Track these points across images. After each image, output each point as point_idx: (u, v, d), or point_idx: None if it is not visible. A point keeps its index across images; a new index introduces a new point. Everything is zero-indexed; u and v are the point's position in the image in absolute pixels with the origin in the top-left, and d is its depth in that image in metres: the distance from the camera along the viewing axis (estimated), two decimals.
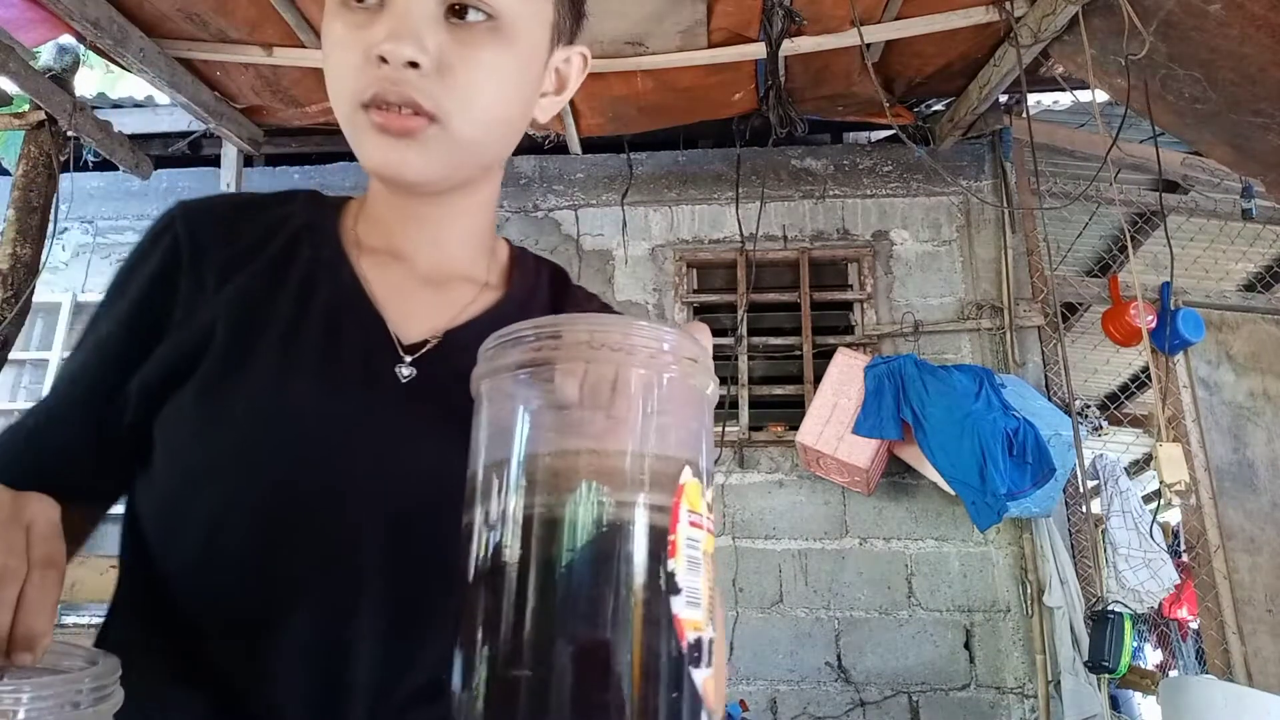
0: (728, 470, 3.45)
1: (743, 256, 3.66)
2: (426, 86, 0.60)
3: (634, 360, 0.40)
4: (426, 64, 0.60)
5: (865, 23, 2.83)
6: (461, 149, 0.64)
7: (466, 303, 0.71)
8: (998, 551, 3.30)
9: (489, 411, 0.43)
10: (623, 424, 0.40)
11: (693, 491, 0.39)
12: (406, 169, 0.63)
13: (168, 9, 2.82)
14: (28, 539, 0.48)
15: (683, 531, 0.38)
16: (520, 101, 0.68)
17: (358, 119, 0.62)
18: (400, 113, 0.60)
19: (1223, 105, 2.62)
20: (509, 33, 0.63)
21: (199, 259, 0.68)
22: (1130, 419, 5.18)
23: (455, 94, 0.61)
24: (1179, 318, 3.46)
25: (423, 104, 0.60)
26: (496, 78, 0.63)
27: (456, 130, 0.62)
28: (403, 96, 0.60)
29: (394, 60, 0.59)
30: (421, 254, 0.72)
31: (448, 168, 0.65)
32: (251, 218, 0.72)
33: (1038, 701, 3.10)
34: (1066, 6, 2.61)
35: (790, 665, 3.25)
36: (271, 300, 0.67)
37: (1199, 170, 3.80)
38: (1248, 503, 3.47)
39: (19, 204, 2.89)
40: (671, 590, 0.38)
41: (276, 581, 0.61)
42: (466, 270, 0.73)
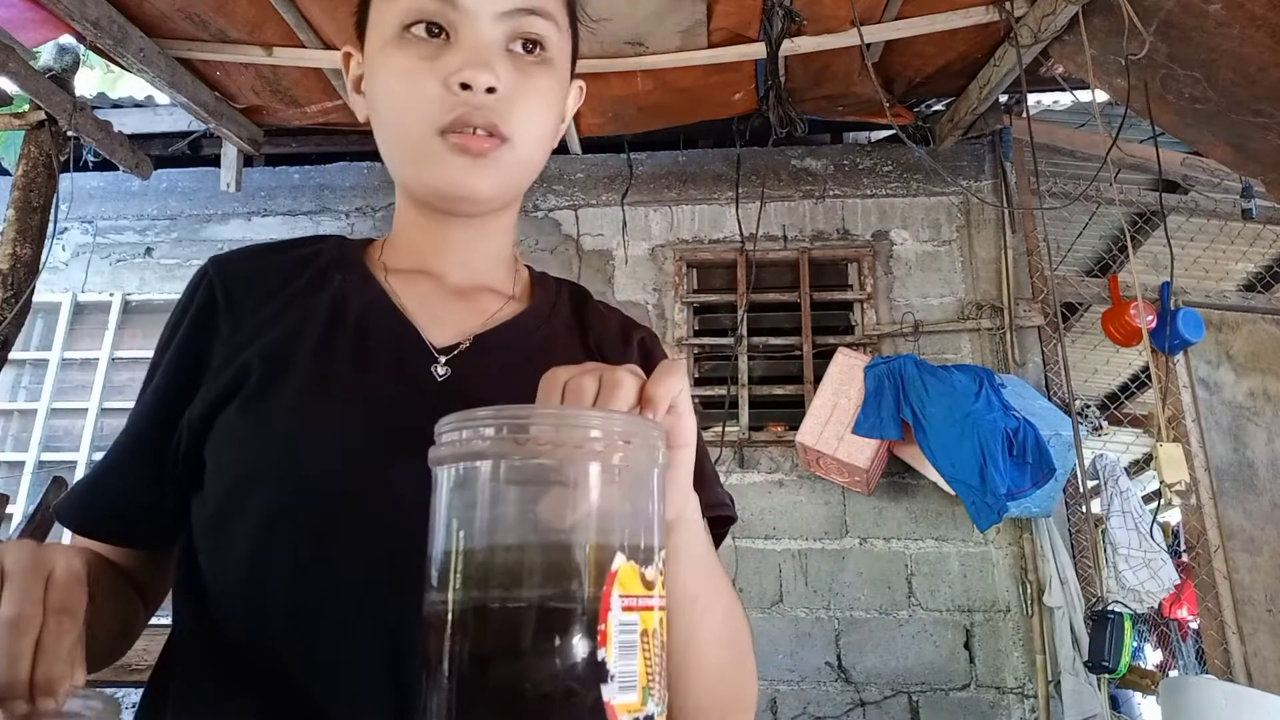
0: (728, 470, 3.45)
1: (743, 256, 3.66)
2: (501, 109, 0.67)
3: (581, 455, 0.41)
4: (503, 90, 0.67)
5: (865, 23, 2.83)
6: (521, 167, 0.72)
7: (494, 310, 0.76)
8: (998, 551, 3.30)
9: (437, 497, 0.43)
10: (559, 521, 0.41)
11: (627, 576, 0.41)
12: (481, 186, 0.69)
13: (168, 9, 2.82)
14: (46, 588, 0.50)
15: (615, 619, 0.39)
16: (555, 125, 0.76)
17: (434, 144, 0.68)
18: (477, 135, 0.67)
19: (1223, 105, 2.61)
20: (552, 64, 0.72)
21: (234, 303, 0.73)
22: (1130, 419, 5.19)
23: (519, 117, 0.69)
24: (1179, 318, 3.46)
25: (500, 126, 0.67)
26: (547, 103, 0.72)
27: (520, 150, 0.70)
28: (485, 120, 0.67)
29: (477, 87, 0.66)
30: (451, 273, 0.77)
31: (509, 185, 0.72)
32: (280, 258, 0.77)
33: (1038, 701, 3.10)
34: (1066, 6, 2.61)
35: (790, 665, 3.25)
36: (304, 323, 0.71)
37: (1199, 170, 3.80)
38: (1248, 503, 3.47)
39: (19, 204, 2.89)
40: (602, 679, 0.39)
41: (328, 585, 0.61)
42: (493, 285, 0.78)
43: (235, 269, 0.75)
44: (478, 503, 0.41)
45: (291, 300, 0.72)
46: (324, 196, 3.93)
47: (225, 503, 0.64)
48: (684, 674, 0.60)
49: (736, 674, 0.65)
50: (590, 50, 3.02)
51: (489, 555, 0.40)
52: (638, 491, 0.43)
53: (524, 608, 0.39)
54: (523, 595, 0.39)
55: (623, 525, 0.42)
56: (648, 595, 0.41)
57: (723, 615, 0.63)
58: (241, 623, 0.63)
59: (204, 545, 0.66)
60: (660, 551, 0.44)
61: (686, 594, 0.58)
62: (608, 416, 0.43)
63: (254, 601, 0.62)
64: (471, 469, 0.42)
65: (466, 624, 0.39)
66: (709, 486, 0.73)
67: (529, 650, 0.38)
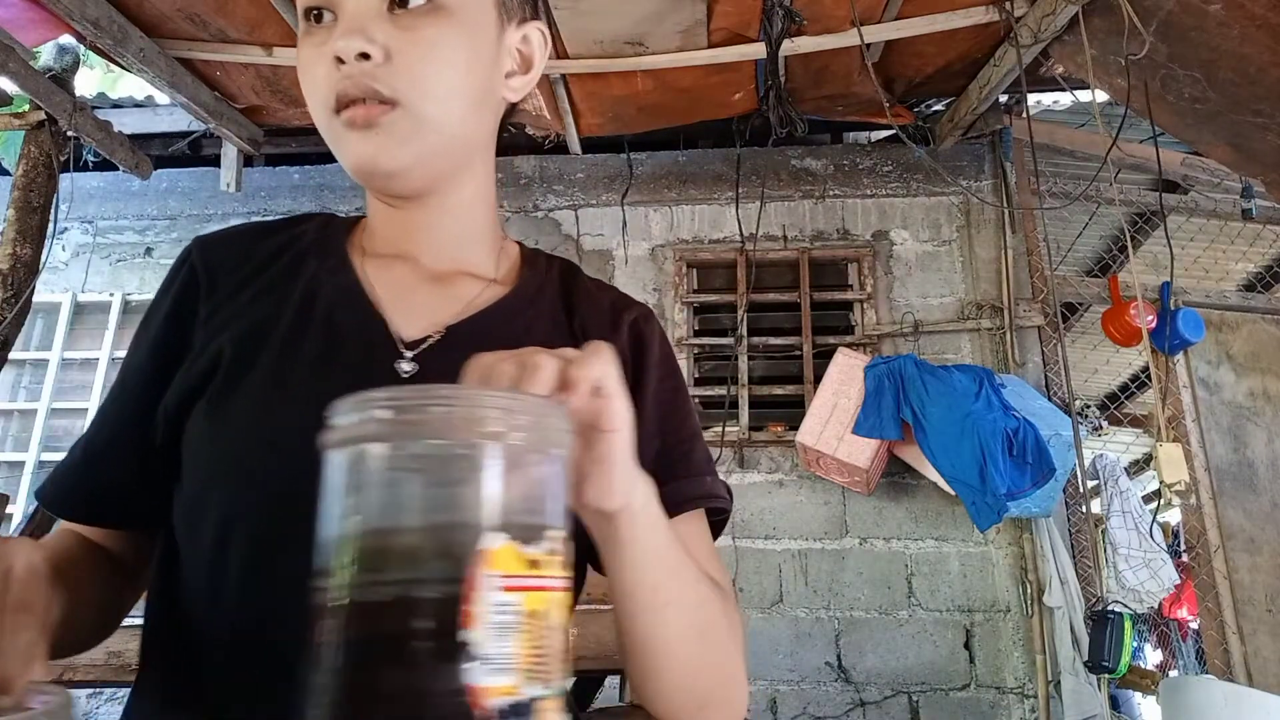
0: (728, 470, 3.45)
1: (743, 256, 3.66)
2: (380, 74, 0.63)
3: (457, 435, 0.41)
4: (376, 53, 0.63)
5: (865, 23, 2.83)
6: (426, 129, 0.66)
7: (471, 297, 0.72)
8: (998, 551, 3.30)
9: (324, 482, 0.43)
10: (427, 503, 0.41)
11: (504, 556, 0.40)
12: (379, 159, 0.65)
13: (168, 9, 2.82)
14: (4, 585, 0.49)
15: (486, 599, 0.39)
16: (475, 77, 0.69)
17: (334, 125, 0.65)
18: (364, 105, 0.63)
19: (1223, 105, 2.61)
20: (448, 11, 0.66)
21: (214, 287, 0.71)
22: (1130, 419, 5.19)
23: (406, 75, 0.64)
24: (1179, 318, 3.46)
25: (380, 90, 0.63)
26: (442, 54, 0.66)
27: (417, 110, 0.64)
28: (361, 87, 0.63)
29: (347, 56, 0.63)
30: (425, 256, 0.73)
31: (418, 153, 0.66)
32: (262, 242, 0.75)
33: (1038, 701, 3.10)
34: (1066, 6, 2.61)
35: (790, 665, 3.25)
36: (276, 312, 0.69)
37: (1199, 170, 3.80)
38: (1248, 503, 3.47)
39: (19, 204, 2.89)
40: (464, 659, 0.38)
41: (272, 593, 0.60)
42: (473, 268, 0.74)
43: (217, 250, 0.74)
44: (353, 487, 0.41)
45: (268, 286, 0.71)
46: (324, 196, 3.93)
47: (193, 502, 0.64)
48: (651, 668, 0.59)
49: (713, 670, 0.62)
50: (590, 50, 3.02)
51: (359, 541, 0.40)
52: (522, 472, 0.42)
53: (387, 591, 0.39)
54: (387, 579, 0.39)
55: (500, 505, 0.41)
56: (534, 576, 0.41)
57: (694, 609, 0.60)
58: (198, 624, 0.63)
59: (180, 540, 0.66)
60: (553, 532, 0.43)
61: (642, 585, 0.57)
62: (492, 397, 0.42)
63: (209, 604, 0.62)
64: (353, 453, 0.41)
65: (336, 610, 0.40)
66: (695, 476, 0.71)
67: (392, 634, 0.38)
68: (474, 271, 0.74)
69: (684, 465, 0.71)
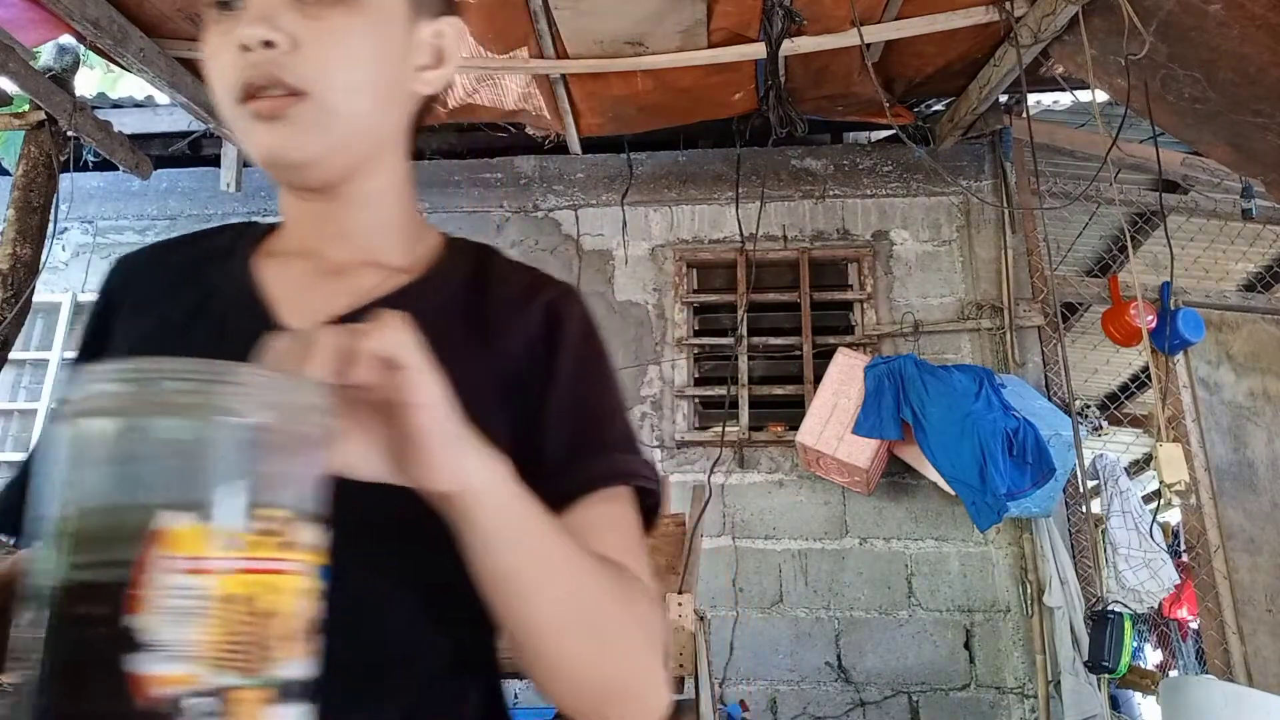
0: (728, 470, 3.45)
1: (743, 256, 3.66)
2: (287, 63, 0.62)
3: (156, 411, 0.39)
4: (281, 40, 0.61)
5: (865, 23, 2.83)
6: (335, 120, 0.64)
7: (369, 288, 0.69)
8: (998, 551, 3.30)
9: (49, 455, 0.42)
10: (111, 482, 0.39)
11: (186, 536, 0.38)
12: (288, 150, 0.64)
13: (168, 9, 2.82)
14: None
15: (162, 581, 0.37)
16: (385, 68, 0.68)
17: (240, 115, 0.63)
18: (272, 96, 0.62)
19: (1223, 105, 2.62)
20: (357, 2, 0.65)
21: (124, 305, 0.72)
22: (1130, 419, 5.19)
23: (313, 64, 0.63)
24: (1179, 318, 3.46)
25: (287, 79, 0.62)
26: (349, 44, 0.65)
27: (325, 100, 0.63)
28: (267, 76, 0.62)
29: (252, 43, 0.61)
30: (330, 249, 0.71)
31: (328, 144, 0.65)
32: (174, 255, 0.75)
33: (1038, 701, 3.10)
34: (1066, 6, 2.61)
35: (790, 665, 3.25)
36: (172, 318, 0.69)
37: (1199, 170, 3.80)
38: (1248, 503, 3.47)
39: (19, 204, 2.89)
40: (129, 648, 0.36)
41: None
42: (382, 259, 0.72)
43: (130, 269, 0.75)
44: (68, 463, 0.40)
45: (171, 296, 0.71)
46: None
47: None
48: (531, 657, 0.57)
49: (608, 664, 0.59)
50: (590, 50, 3.02)
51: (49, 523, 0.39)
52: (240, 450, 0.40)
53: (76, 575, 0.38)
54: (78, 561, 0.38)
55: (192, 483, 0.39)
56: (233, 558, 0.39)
57: (571, 597, 0.57)
58: None
59: None
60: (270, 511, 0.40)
61: (498, 572, 0.54)
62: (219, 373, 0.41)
63: None
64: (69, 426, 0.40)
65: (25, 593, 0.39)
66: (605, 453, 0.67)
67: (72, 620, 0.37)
68: (382, 262, 0.72)
69: (594, 444, 0.67)
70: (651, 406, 3.56)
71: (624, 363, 3.59)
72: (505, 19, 2.84)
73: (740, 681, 3.23)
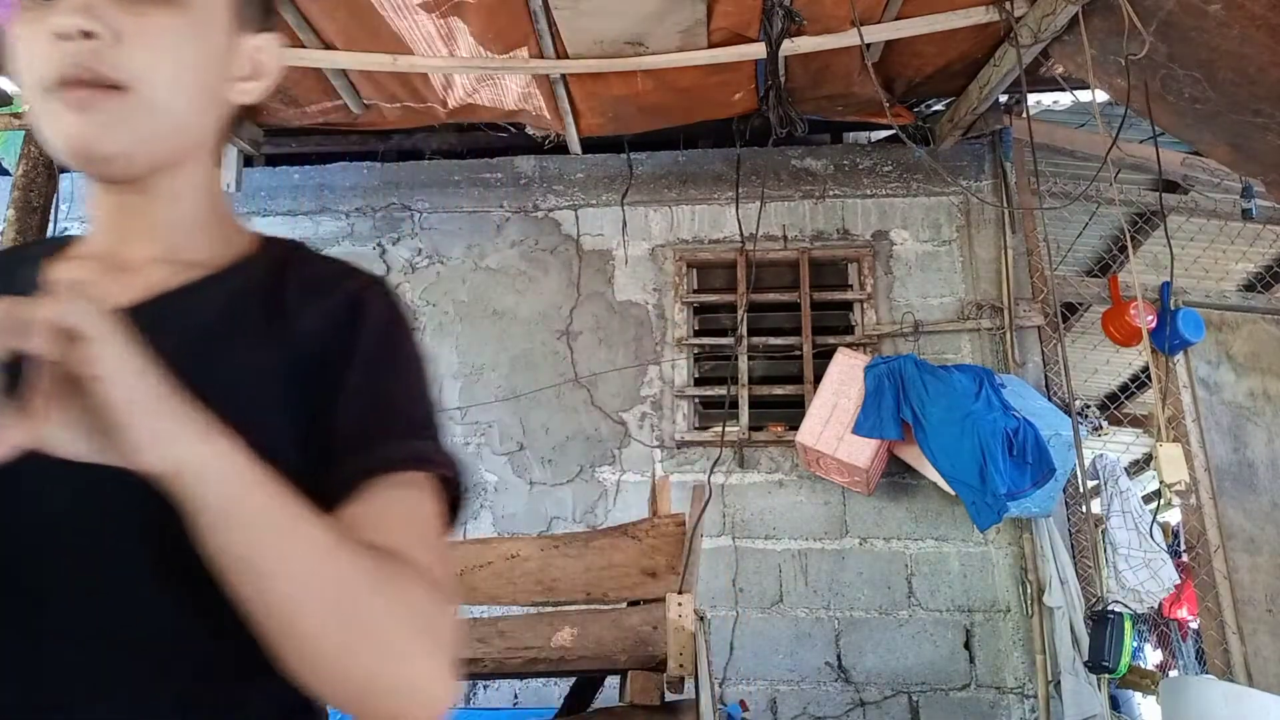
0: (728, 470, 3.45)
1: (743, 256, 3.66)
2: (107, 55, 0.61)
3: None
4: (102, 31, 0.60)
5: (865, 23, 2.83)
6: (152, 116, 0.64)
7: (157, 282, 0.68)
8: (998, 551, 3.30)
9: None
10: None
11: None
12: (100, 142, 0.62)
13: None
14: None
15: None
16: (204, 73, 0.68)
17: (48, 104, 0.62)
18: (87, 87, 0.61)
19: (1223, 105, 2.62)
20: (180, 4, 0.65)
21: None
22: (1130, 419, 5.19)
23: (135, 59, 0.62)
24: (1179, 318, 3.46)
25: (107, 73, 0.61)
26: (171, 43, 0.64)
27: (145, 96, 0.63)
28: (86, 68, 0.60)
29: (70, 33, 0.60)
30: (132, 246, 0.70)
31: (140, 139, 0.64)
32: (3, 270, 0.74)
33: (1038, 701, 3.10)
34: (1066, 6, 2.61)
35: (790, 665, 3.25)
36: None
37: (1199, 170, 3.80)
38: (1248, 503, 3.47)
39: (19, 204, 2.89)
40: None
41: None
42: (182, 256, 0.70)
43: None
44: None
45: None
46: (324, 196, 3.93)
47: None
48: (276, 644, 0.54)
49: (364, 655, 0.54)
50: (590, 50, 3.02)
51: None
52: None
53: None
54: None
55: None
56: None
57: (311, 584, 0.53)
58: None
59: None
60: None
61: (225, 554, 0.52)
62: None
63: None
64: None
65: None
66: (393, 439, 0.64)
67: None
68: (184, 259, 0.70)
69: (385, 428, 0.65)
70: (651, 406, 3.56)
71: (624, 363, 3.59)
72: (505, 19, 2.84)
73: (740, 681, 3.24)
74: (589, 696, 2.14)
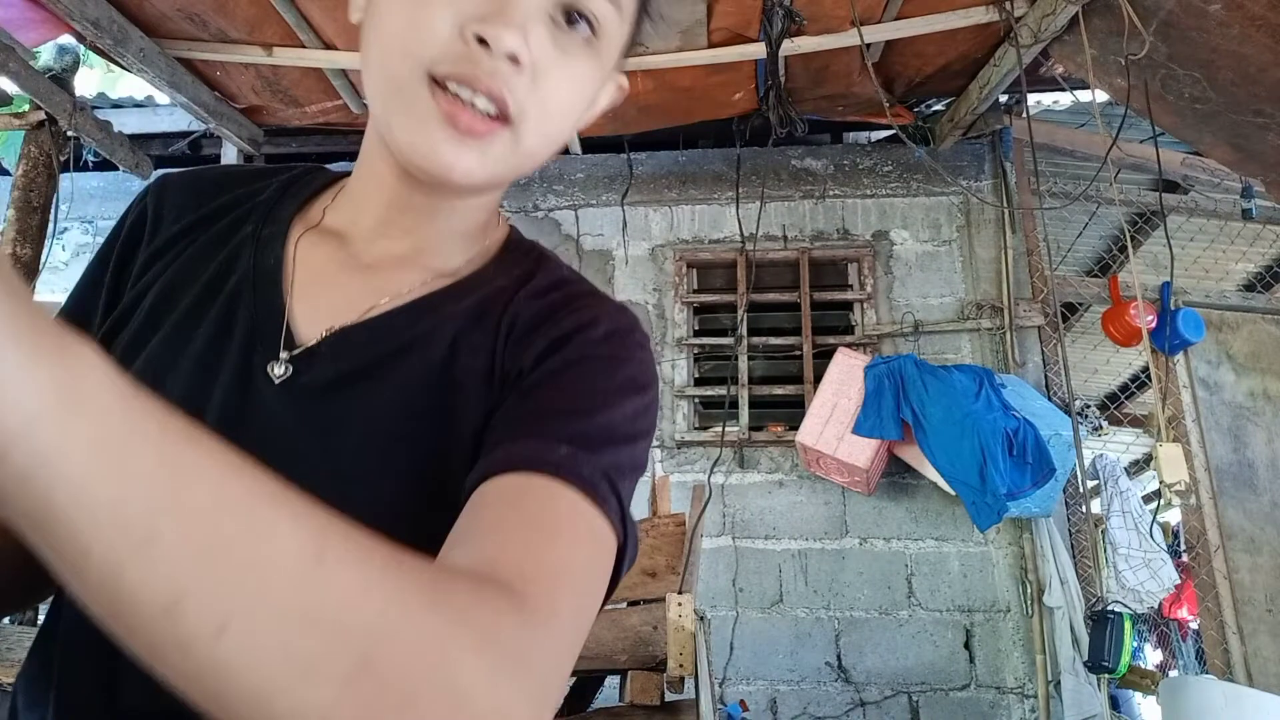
0: (728, 470, 3.45)
1: (743, 256, 3.66)
2: (517, 89, 0.54)
3: None
4: (526, 61, 0.53)
5: (865, 23, 2.83)
6: (520, 159, 0.58)
7: (397, 290, 0.62)
8: (998, 551, 3.30)
9: None
10: None
11: None
12: (456, 171, 0.55)
13: (168, 9, 2.82)
14: None
15: None
16: (580, 115, 0.64)
17: (419, 91, 0.53)
18: (475, 109, 0.53)
19: (1223, 105, 2.62)
20: (599, 49, 0.59)
21: (156, 232, 0.65)
22: (1130, 419, 5.19)
23: (536, 100, 0.55)
24: (1179, 318, 3.46)
25: (509, 105, 0.54)
26: (578, 92, 0.59)
27: (525, 139, 0.56)
28: (493, 89, 0.53)
29: (496, 47, 0.52)
30: (382, 239, 0.64)
31: (497, 175, 0.59)
32: (221, 192, 0.68)
33: (1038, 701, 3.10)
34: (1066, 6, 2.61)
35: (790, 665, 3.25)
36: (194, 274, 0.63)
37: (1199, 170, 3.80)
38: (1248, 503, 3.47)
39: (19, 204, 2.89)
40: None
41: None
42: (426, 258, 0.65)
43: (172, 194, 0.68)
44: None
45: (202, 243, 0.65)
46: None
47: None
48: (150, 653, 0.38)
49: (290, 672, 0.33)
50: None
51: None
52: None
53: None
54: None
55: None
56: None
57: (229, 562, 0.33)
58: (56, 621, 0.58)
59: None
60: None
61: None
62: None
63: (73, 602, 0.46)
64: None
65: None
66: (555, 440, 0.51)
67: None
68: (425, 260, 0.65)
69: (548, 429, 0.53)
70: None
71: None
72: None
73: (740, 681, 3.23)
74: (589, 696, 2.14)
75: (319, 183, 0.69)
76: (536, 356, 0.58)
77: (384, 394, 0.58)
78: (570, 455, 0.50)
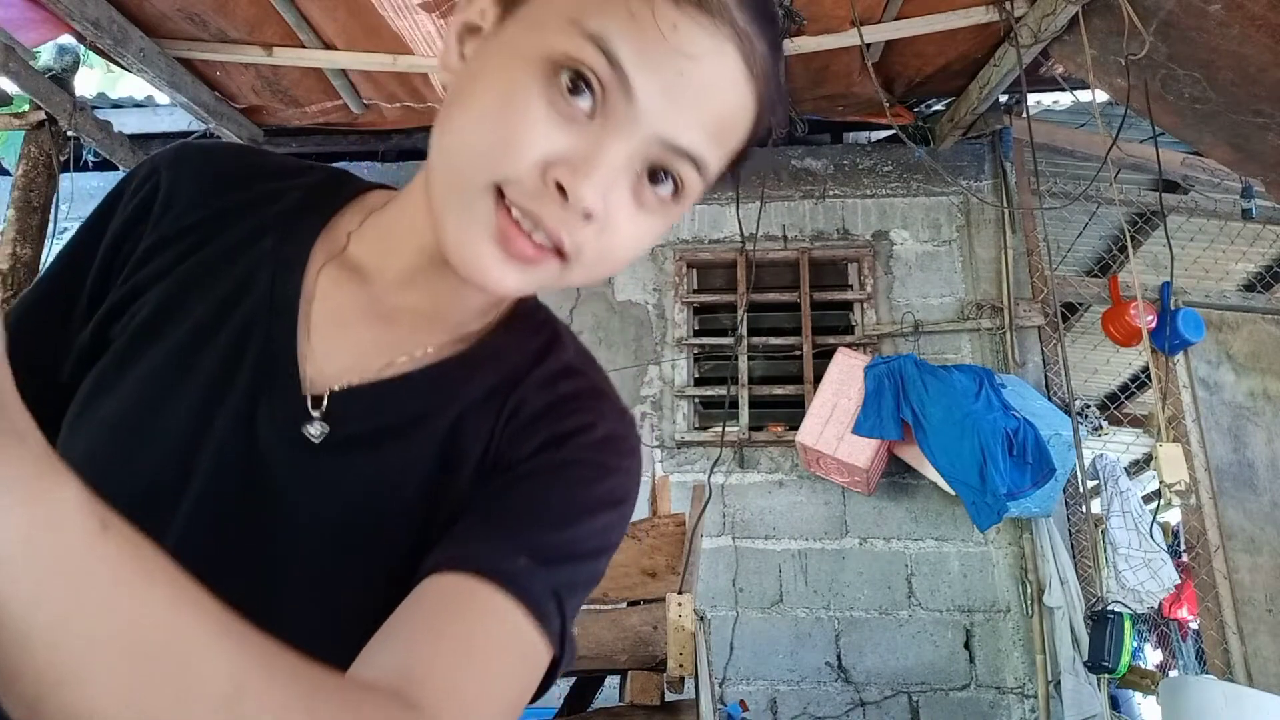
0: (728, 470, 3.45)
1: (743, 256, 3.66)
2: (580, 236, 0.52)
3: None
4: (599, 219, 0.52)
5: (865, 23, 2.83)
6: (564, 284, 0.56)
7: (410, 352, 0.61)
8: (998, 551, 3.30)
9: None
10: None
11: None
12: (496, 286, 0.53)
13: (168, 9, 2.82)
14: None
15: None
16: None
17: (482, 199, 0.51)
18: (533, 240, 0.52)
19: (1223, 105, 2.62)
20: (676, 211, 0.57)
21: (164, 216, 0.61)
22: (1130, 419, 5.19)
23: (599, 248, 0.54)
24: (1179, 318, 3.46)
25: (567, 248, 0.52)
26: (642, 245, 0.57)
27: (573, 274, 0.55)
28: (555, 233, 0.51)
29: (574, 202, 0.50)
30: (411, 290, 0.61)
31: (540, 289, 0.57)
32: (246, 185, 0.64)
33: (1038, 701, 3.10)
34: (1066, 6, 2.61)
35: (790, 665, 3.25)
36: (204, 286, 0.59)
37: (1199, 170, 3.80)
38: (1248, 503, 3.47)
39: (19, 204, 2.89)
40: None
41: None
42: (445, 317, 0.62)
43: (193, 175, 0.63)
44: None
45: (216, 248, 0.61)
46: None
47: None
48: None
49: None
50: None
51: None
52: None
53: None
54: None
55: None
56: None
57: None
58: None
59: None
60: None
61: None
62: None
63: None
64: None
65: None
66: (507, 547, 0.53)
67: None
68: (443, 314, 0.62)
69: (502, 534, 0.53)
70: (651, 406, 3.57)
71: (624, 362, 3.59)
72: None
73: (740, 681, 3.23)
74: (589, 696, 2.14)
75: (344, 196, 0.66)
76: (532, 450, 0.59)
77: (384, 463, 0.58)
78: (526, 570, 0.51)
